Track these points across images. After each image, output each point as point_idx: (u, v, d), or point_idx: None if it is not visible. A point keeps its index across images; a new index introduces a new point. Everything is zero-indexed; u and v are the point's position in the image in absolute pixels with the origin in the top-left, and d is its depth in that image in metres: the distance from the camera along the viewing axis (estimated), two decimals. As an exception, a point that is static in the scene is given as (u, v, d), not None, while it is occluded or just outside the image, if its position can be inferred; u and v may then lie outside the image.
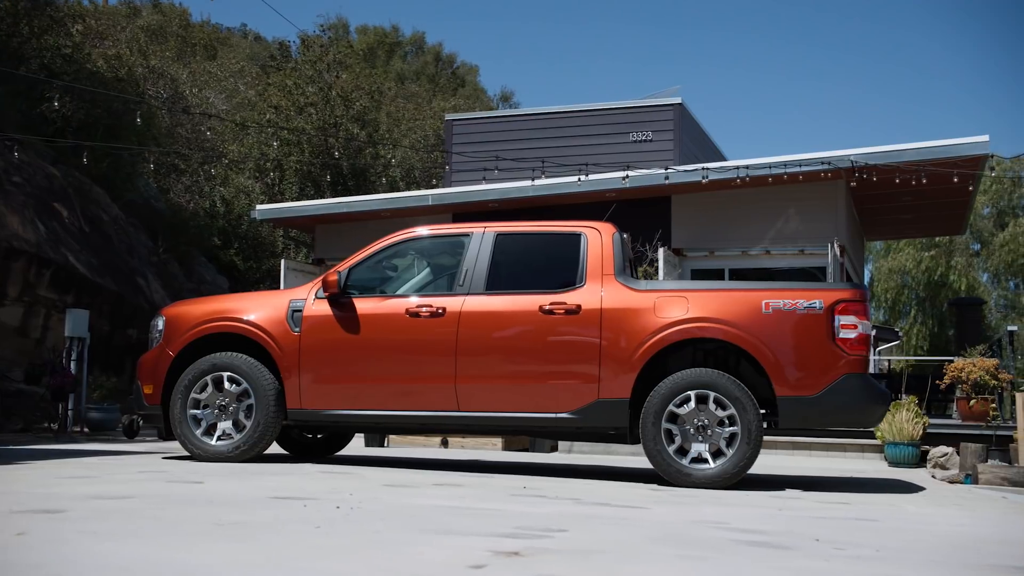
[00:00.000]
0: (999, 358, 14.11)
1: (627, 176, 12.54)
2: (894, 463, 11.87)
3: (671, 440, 6.50)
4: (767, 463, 9.76)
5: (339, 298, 7.10)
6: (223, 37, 42.86)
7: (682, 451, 6.49)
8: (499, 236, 7.16)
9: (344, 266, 7.22)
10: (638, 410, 6.64)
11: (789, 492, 6.49)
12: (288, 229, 24.46)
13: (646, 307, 6.67)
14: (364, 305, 7.10)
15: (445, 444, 12.27)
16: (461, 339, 6.85)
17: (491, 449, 12.00)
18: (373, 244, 7.38)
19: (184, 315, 7.40)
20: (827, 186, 14.18)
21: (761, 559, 3.32)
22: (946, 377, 12.85)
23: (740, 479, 6.44)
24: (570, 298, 6.80)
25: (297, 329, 7.10)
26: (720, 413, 6.44)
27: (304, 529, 3.64)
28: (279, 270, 24.15)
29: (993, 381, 12.47)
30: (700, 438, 6.47)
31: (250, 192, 25.32)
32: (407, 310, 6.99)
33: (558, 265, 7.10)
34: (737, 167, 12.87)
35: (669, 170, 12.90)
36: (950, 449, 11.84)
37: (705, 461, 6.44)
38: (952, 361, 13.58)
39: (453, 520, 4.10)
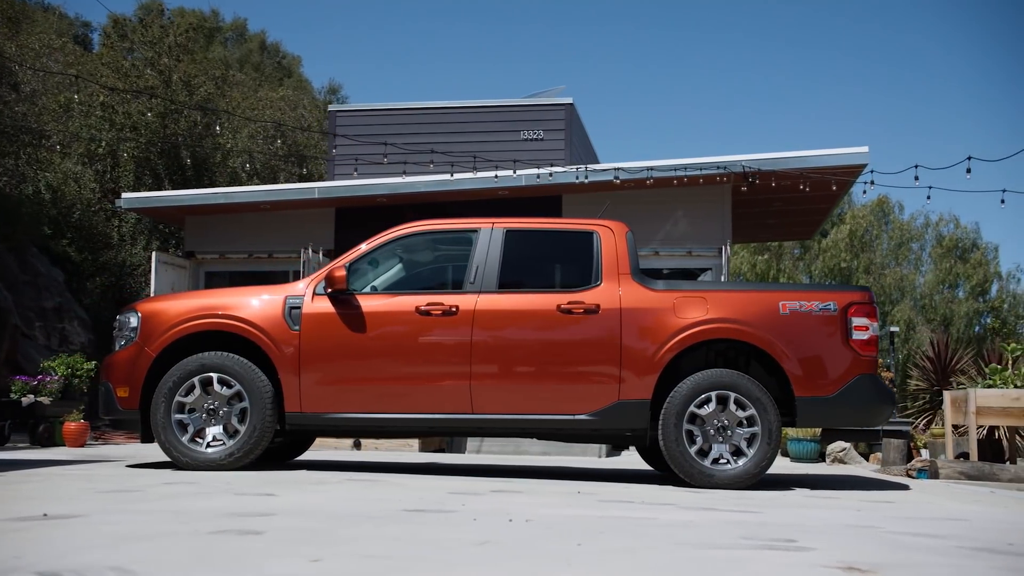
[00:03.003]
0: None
1: (552, 172, 12.45)
2: (796, 459, 12.35)
3: (692, 441, 6.48)
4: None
5: (342, 295, 6.65)
6: (25, 10, 39.60)
7: (701, 452, 6.49)
8: (509, 232, 6.91)
9: (346, 260, 6.78)
10: (655, 411, 6.58)
11: (801, 491, 6.58)
12: (126, 218, 22.90)
13: (666, 307, 6.61)
14: (369, 302, 6.68)
15: (358, 446, 11.82)
16: (476, 339, 6.56)
17: (408, 451, 11.64)
18: (373, 239, 6.96)
19: (164, 311, 6.73)
20: (715, 190, 14.57)
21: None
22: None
23: (759, 479, 6.51)
24: (588, 297, 6.64)
25: (296, 327, 6.60)
26: (740, 414, 6.47)
27: (568, 550, 3.29)
28: (117, 263, 22.70)
29: (877, 379, 13.18)
30: (720, 439, 6.48)
31: (79, 179, 23.53)
32: (416, 308, 6.63)
33: (571, 263, 6.95)
34: (648, 168, 13.03)
35: (582, 168, 12.90)
36: (848, 444, 12.45)
37: (726, 462, 6.46)
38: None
39: (662, 532, 3.84)
